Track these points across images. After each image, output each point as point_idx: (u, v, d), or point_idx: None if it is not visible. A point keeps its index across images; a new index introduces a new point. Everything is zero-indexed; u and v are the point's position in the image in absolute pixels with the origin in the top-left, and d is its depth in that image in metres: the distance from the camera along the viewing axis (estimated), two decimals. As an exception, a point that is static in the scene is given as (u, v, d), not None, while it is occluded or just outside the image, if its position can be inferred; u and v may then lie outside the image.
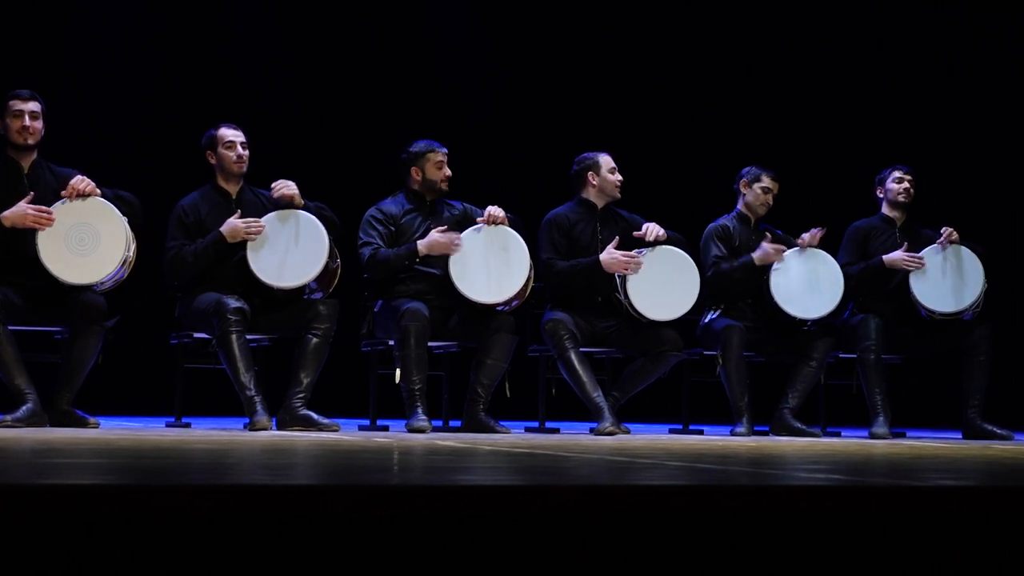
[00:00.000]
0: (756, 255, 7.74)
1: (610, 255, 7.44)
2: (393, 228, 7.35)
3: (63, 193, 6.66)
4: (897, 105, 10.42)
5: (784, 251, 7.73)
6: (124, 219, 6.72)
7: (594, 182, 7.67)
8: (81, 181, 6.69)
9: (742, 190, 7.98)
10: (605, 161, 7.69)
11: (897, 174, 8.10)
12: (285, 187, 7.06)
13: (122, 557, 2.36)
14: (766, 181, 7.94)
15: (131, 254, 6.76)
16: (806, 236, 7.82)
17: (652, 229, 7.51)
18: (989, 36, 10.33)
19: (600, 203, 7.68)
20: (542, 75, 10.53)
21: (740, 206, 7.99)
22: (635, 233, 7.54)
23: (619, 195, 7.68)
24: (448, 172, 7.43)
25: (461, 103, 10.38)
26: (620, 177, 7.68)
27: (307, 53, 10.11)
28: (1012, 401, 8.84)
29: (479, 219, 7.31)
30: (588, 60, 10.56)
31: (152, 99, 9.61)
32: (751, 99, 10.57)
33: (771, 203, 7.96)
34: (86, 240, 6.66)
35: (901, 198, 8.07)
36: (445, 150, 7.45)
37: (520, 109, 10.45)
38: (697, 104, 10.58)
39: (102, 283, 6.72)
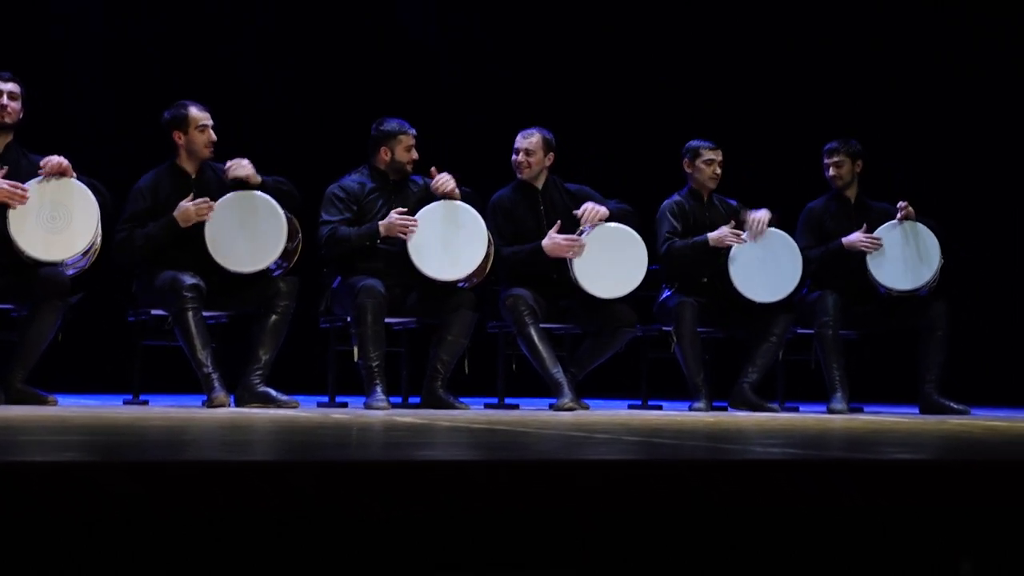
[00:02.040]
0: (712, 236, 7.72)
1: (552, 240, 7.43)
2: (355, 207, 7.32)
3: (41, 171, 6.64)
4: (848, 76, 10.43)
5: (742, 237, 7.70)
6: (97, 206, 6.69)
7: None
8: (58, 159, 6.66)
9: (687, 169, 7.97)
10: (515, 143, 7.67)
11: (825, 159, 8.07)
12: (239, 167, 7.00)
13: (78, 534, 2.35)
14: (706, 154, 7.91)
15: (98, 242, 6.74)
16: (754, 216, 7.76)
17: (589, 214, 7.48)
18: (936, 6, 10.36)
19: (535, 183, 7.65)
20: (509, 47, 10.51)
21: (690, 183, 7.98)
22: (575, 212, 7.52)
23: (519, 176, 7.63)
24: (416, 155, 7.40)
25: (428, 78, 10.34)
26: (516, 161, 7.61)
27: (287, 30, 10.07)
28: (968, 376, 8.89)
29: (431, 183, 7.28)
30: (551, 35, 10.54)
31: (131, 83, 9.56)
32: (708, 72, 10.57)
33: (719, 173, 7.92)
34: (58, 218, 6.64)
35: (838, 183, 8.06)
36: (415, 132, 7.42)
37: (485, 84, 10.43)
38: (653, 78, 10.58)
39: (65, 264, 6.69)
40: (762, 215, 7.75)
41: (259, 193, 6.99)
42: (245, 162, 7.00)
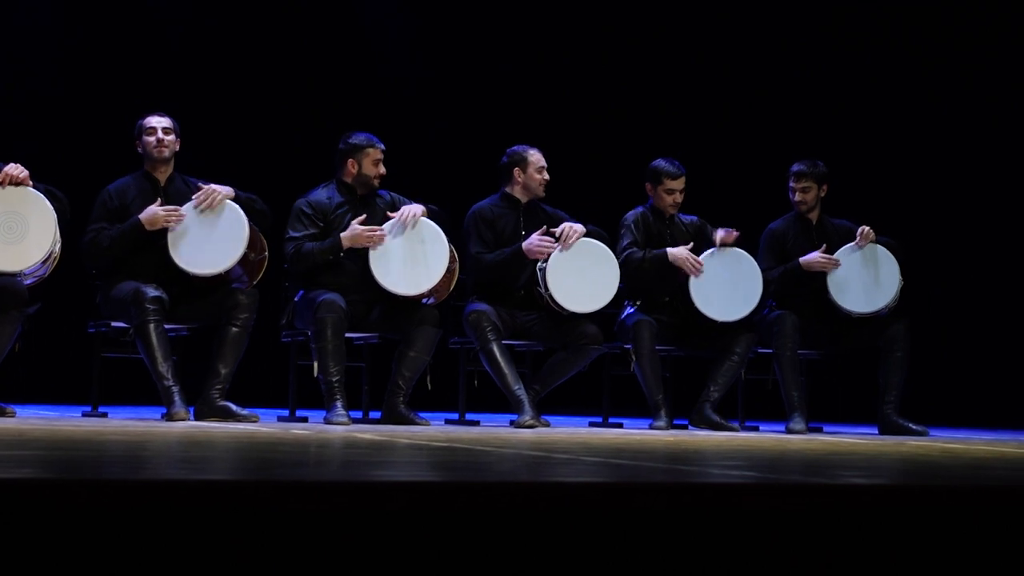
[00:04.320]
0: (671, 252, 7.73)
1: (530, 241, 7.45)
2: (322, 223, 7.31)
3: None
4: (811, 94, 10.48)
5: (701, 266, 7.70)
6: (55, 214, 6.66)
7: (519, 179, 7.66)
8: (15, 167, 6.63)
9: (649, 192, 7.98)
10: (534, 159, 7.66)
11: (791, 182, 8.05)
12: (209, 198, 6.95)
13: (34, 553, 2.34)
14: (668, 183, 7.87)
15: (56, 250, 6.71)
16: (720, 234, 7.79)
17: (568, 232, 7.48)
18: (898, 25, 10.42)
19: (524, 199, 7.68)
20: (478, 66, 10.53)
21: (654, 203, 7.98)
22: (552, 231, 7.54)
23: (543, 194, 7.68)
24: (383, 170, 7.38)
25: (397, 94, 10.35)
26: (547, 176, 7.65)
27: (244, 40, 10.07)
28: (928, 397, 8.93)
29: (393, 214, 7.27)
30: (520, 52, 10.57)
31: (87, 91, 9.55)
32: (673, 92, 10.60)
33: (679, 201, 7.93)
34: (14, 228, 6.60)
35: (802, 208, 8.08)
36: (383, 147, 7.40)
37: (453, 101, 10.45)
38: (618, 96, 10.61)
39: (23, 274, 6.65)
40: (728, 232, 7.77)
41: (227, 201, 6.98)
42: (215, 190, 6.94)
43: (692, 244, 7.78)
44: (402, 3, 10.61)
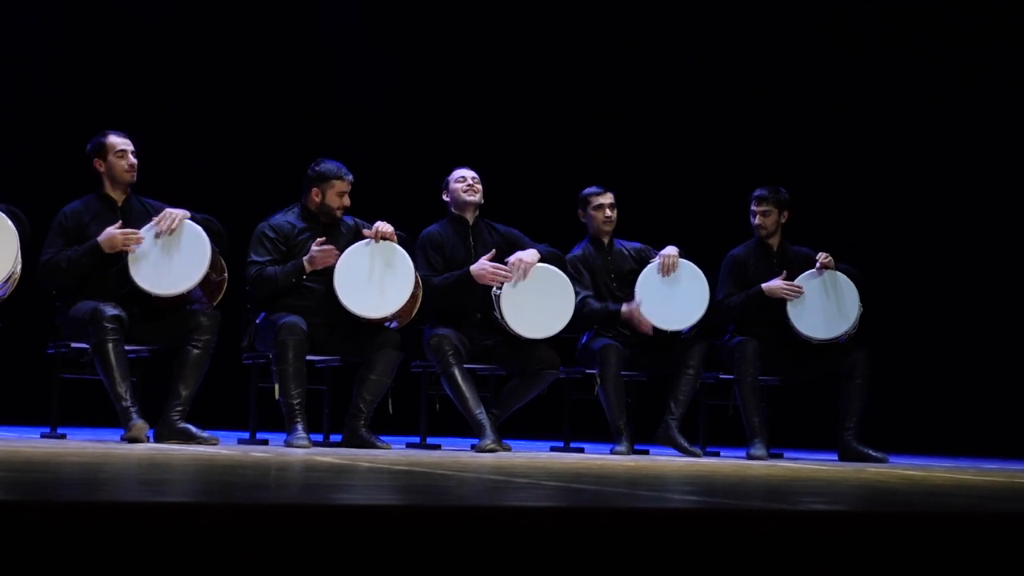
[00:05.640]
0: (624, 309, 7.78)
1: (480, 266, 7.44)
2: (284, 248, 7.29)
3: None
4: (773, 123, 10.53)
5: (675, 256, 7.78)
6: (17, 234, 6.62)
7: (445, 197, 7.70)
8: None
9: (583, 219, 8.02)
10: (453, 175, 7.70)
11: (752, 206, 8.10)
12: (169, 223, 6.93)
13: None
14: (596, 200, 7.94)
15: (17, 271, 6.66)
16: (665, 252, 7.83)
17: (516, 266, 7.46)
18: (860, 54, 10.49)
19: (468, 217, 7.68)
20: (438, 86, 10.56)
21: (591, 231, 8.02)
22: (507, 260, 7.54)
23: (468, 199, 7.65)
24: (347, 202, 7.36)
25: (357, 117, 10.36)
26: (469, 184, 7.63)
27: (204, 59, 10.07)
28: (887, 424, 8.96)
29: (365, 231, 7.28)
30: (472, 72, 10.59)
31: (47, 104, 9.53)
32: (634, 117, 10.63)
33: (610, 216, 7.94)
34: None
35: (762, 232, 8.11)
36: (351, 178, 7.37)
37: (413, 124, 10.46)
38: (578, 121, 10.64)
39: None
40: (671, 250, 7.81)
41: (186, 221, 6.96)
42: (174, 214, 6.93)
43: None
44: (360, 21, 10.64)
